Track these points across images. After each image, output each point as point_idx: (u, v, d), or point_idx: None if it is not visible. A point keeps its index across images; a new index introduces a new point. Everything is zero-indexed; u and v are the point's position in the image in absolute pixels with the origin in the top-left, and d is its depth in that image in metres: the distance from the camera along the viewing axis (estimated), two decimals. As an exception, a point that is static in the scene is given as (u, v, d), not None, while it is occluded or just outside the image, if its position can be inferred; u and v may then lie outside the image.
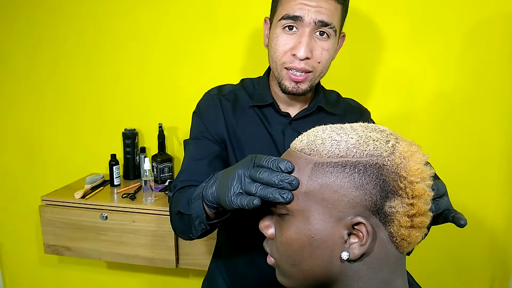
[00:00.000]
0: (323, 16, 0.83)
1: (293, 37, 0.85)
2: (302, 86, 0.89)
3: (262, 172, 0.57)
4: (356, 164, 0.50)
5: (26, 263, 2.02)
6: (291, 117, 0.96)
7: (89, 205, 1.53)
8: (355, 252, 0.51)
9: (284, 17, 0.84)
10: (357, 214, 0.50)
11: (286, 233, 0.55)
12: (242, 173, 0.61)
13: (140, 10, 1.68)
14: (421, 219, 0.51)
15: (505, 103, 1.52)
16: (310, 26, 0.83)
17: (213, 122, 0.96)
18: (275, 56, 0.89)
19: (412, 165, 0.51)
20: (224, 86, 1.03)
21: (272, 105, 0.96)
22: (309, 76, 0.88)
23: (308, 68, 0.87)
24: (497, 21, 1.46)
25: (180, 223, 0.84)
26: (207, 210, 0.74)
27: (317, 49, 0.86)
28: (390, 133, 0.54)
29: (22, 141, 1.90)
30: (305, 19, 0.83)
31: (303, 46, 0.84)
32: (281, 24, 0.86)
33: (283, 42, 0.86)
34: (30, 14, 1.76)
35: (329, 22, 0.84)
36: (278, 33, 0.87)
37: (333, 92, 1.08)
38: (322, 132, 0.55)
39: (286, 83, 0.89)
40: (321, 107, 0.98)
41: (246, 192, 0.60)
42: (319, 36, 0.85)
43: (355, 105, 1.07)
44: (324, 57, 0.87)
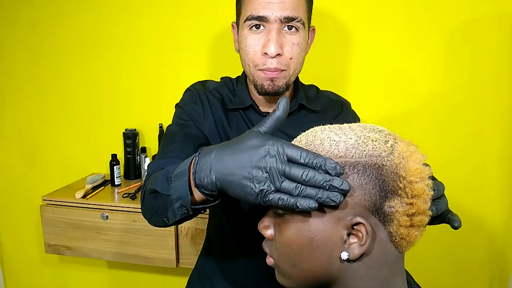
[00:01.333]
0: (287, 12, 0.81)
1: (262, 36, 0.84)
2: (278, 83, 0.87)
3: (308, 171, 0.48)
4: (356, 165, 0.50)
5: (27, 262, 2.03)
6: None
7: (90, 205, 1.53)
8: (354, 252, 0.51)
9: (249, 18, 0.83)
10: (357, 214, 0.50)
11: (285, 234, 0.55)
12: (269, 167, 0.50)
13: (141, 11, 1.68)
14: (420, 218, 0.52)
15: (503, 103, 1.52)
16: (277, 23, 0.82)
17: (199, 115, 0.93)
18: (247, 58, 0.87)
19: (411, 165, 0.51)
20: (206, 82, 1.01)
21: (252, 106, 0.95)
22: (283, 73, 0.87)
23: (281, 67, 0.85)
24: (495, 19, 1.46)
25: (153, 203, 0.71)
26: (195, 193, 0.62)
27: (287, 44, 0.84)
28: (388, 133, 0.54)
29: (23, 141, 1.90)
30: (270, 18, 0.82)
31: (272, 43, 0.82)
32: (247, 25, 0.84)
33: (252, 42, 0.85)
34: (32, 14, 1.76)
35: (295, 16, 0.82)
36: (246, 34, 0.85)
37: (312, 87, 1.06)
38: (321, 133, 0.55)
39: (263, 83, 0.87)
40: (302, 105, 0.96)
41: (283, 191, 0.50)
42: (287, 31, 0.84)
43: (335, 99, 1.05)
44: (295, 52, 0.85)
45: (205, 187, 0.58)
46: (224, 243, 1.03)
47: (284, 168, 0.49)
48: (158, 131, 1.70)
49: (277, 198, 0.50)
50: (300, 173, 0.49)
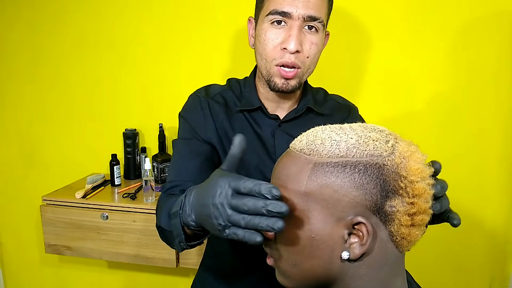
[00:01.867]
0: (311, 11, 0.82)
1: (282, 31, 0.84)
2: (292, 83, 0.88)
3: (247, 201, 0.52)
4: (357, 164, 0.50)
5: (27, 262, 2.03)
6: (280, 119, 0.95)
7: (90, 205, 1.53)
8: (355, 251, 0.51)
9: (272, 12, 0.83)
10: (357, 214, 0.50)
11: (285, 233, 0.55)
12: (220, 203, 0.55)
13: (141, 11, 1.68)
14: (421, 217, 0.52)
15: (503, 103, 1.52)
16: (299, 21, 0.83)
17: (201, 125, 0.94)
18: (264, 52, 0.87)
19: (412, 164, 0.51)
20: (210, 87, 1.01)
21: (260, 108, 0.95)
22: (298, 72, 0.87)
23: (298, 63, 0.86)
24: (495, 19, 1.46)
25: (162, 235, 0.81)
26: (186, 230, 0.69)
27: (306, 43, 0.85)
28: (389, 133, 0.54)
29: (23, 141, 1.90)
30: (294, 14, 0.82)
31: (293, 39, 0.83)
32: (269, 19, 0.85)
33: (272, 36, 0.85)
34: (31, 15, 1.76)
35: (318, 16, 0.83)
36: (266, 28, 0.86)
37: (320, 90, 1.07)
38: (322, 132, 0.55)
39: (276, 80, 0.87)
40: (310, 108, 0.97)
41: (233, 223, 0.54)
42: (308, 30, 0.85)
43: (342, 103, 1.05)
44: (312, 52, 0.86)
45: (189, 226, 0.64)
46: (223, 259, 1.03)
47: (230, 201, 0.54)
48: (158, 131, 1.70)
49: (232, 232, 0.54)
50: (241, 203, 0.52)
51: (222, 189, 0.55)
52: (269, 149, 0.94)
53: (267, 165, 0.93)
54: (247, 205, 0.52)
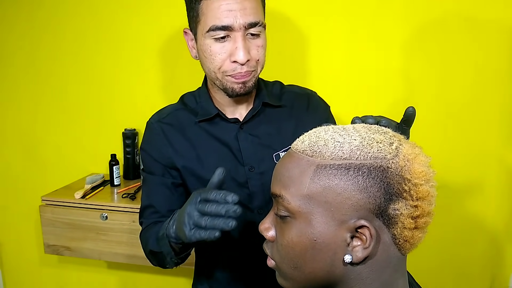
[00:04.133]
0: (250, 18, 0.82)
1: (227, 44, 0.83)
2: (248, 84, 0.88)
3: (209, 206, 0.67)
4: (360, 167, 0.50)
5: (26, 263, 2.02)
6: (240, 121, 0.95)
7: (89, 205, 1.53)
8: (358, 255, 0.50)
9: (213, 28, 0.82)
10: (361, 217, 0.50)
11: (287, 236, 0.54)
12: (191, 209, 0.70)
13: (140, 10, 1.67)
14: (424, 220, 0.51)
15: (504, 103, 1.51)
16: (241, 30, 0.82)
17: (160, 152, 0.95)
18: (212, 66, 0.86)
19: (416, 167, 0.51)
20: (163, 110, 1.02)
21: (218, 115, 0.94)
22: (252, 73, 0.88)
23: (251, 70, 0.86)
24: (495, 18, 1.45)
25: (154, 260, 0.91)
26: (173, 246, 0.81)
27: (253, 48, 0.85)
28: (393, 135, 0.54)
29: (22, 141, 1.89)
30: (235, 26, 0.81)
31: (241, 51, 0.82)
32: (210, 36, 0.83)
33: (218, 51, 0.84)
34: (30, 13, 1.75)
35: (257, 20, 0.83)
36: (210, 43, 0.84)
37: (276, 83, 1.06)
38: (325, 133, 0.54)
39: (233, 86, 0.87)
40: (266, 103, 0.96)
41: (197, 226, 0.69)
42: (251, 36, 0.85)
43: (300, 92, 1.05)
44: (261, 54, 0.87)
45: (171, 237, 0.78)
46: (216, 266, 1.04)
47: (197, 207, 0.69)
48: (158, 131, 1.69)
49: (197, 233, 0.69)
50: (205, 207, 0.68)
51: (193, 200, 0.71)
52: (236, 154, 0.94)
53: (238, 170, 0.94)
54: (210, 208, 0.67)
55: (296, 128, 0.97)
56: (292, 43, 1.59)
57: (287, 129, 0.97)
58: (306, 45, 1.58)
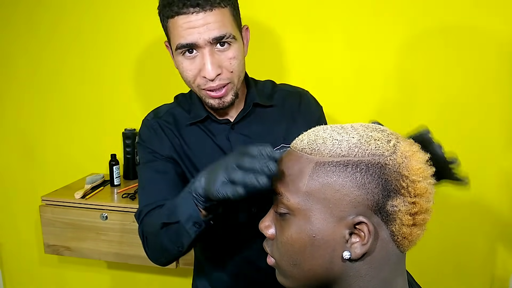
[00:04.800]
0: (214, 32, 0.79)
1: (197, 59, 0.83)
2: (227, 99, 0.87)
3: (246, 158, 0.60)
4: (358, 164, 0.50)
5: (26, 263, 2.02)
6: (231, 122, 0.95)
7: (89, 205, 1.53)
8: (356, 251, 0.51)
9: (179, 47, 0.82)
10: (359, 213, 0.50)
11: (287, 233, 0.55)
12: (230, 161, 0.63)
13: (140, 11, 1.67)
14: (423, 217, 0.52)
15: (504, 103, 1.52)
16: (207, 46, 0.81)
17: (158, 146, 0.94)
18: (187, 81, 0.87)
19: (414, 164, 0.51)
20: (159, 108, 1.02)
21: (208, 117, 0.94)
22: (229, 87, 0.86)
23: (224, 82, 0.84)
24: (495, 18, 1.46)
25: (163, 239, 0.79)
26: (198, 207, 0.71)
27: (224, 61, 0.83)
28: (390, 133, 0.54)
29: (22, 141, 1.90)
30: (199, 42, 0.80)
31: (207, 66, 0.81)
32: (179, 53, 0.83)
33: (188, 67, 0.84)
34: (31, 15, 1.76)
35: (223, 34, 0.80)
36: (181, 60, 0.84)
37: (267, 82, 1.04)
38: (323, 132, 0.55)
39: (211, 101, 0.87)
40: (257, 103, 0.95)
41: (230, 180, 0.61)
42: (220, 48, 0.82)
43: (292, 90, 1.03)
44: (234, 65, 0.84)
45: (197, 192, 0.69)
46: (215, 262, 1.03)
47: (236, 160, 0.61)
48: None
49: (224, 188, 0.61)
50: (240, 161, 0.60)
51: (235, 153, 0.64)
52: (227, 153, 0.93)
53: None
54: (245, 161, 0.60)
55: (288, 127, 0.97)
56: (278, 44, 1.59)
57: (279, 128, 0.96)
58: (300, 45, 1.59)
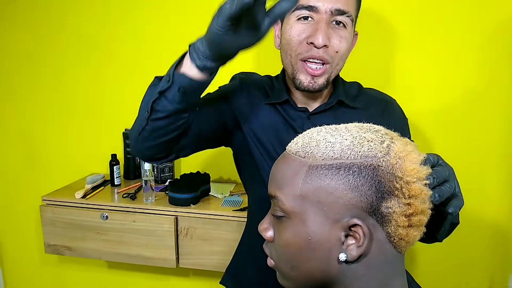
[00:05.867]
0: (339, 4, 0.80)
1: (309, 26, 0.82)
2: (319, 81, 0.85)
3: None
4: (351, 166, 0.50)
5: (27, 262, 2.03)
6: (309, 111, 0.93)
7: (90, 205, 1.53)
8: (352, 253, 0.51)
9: (298, 7, 0.81)
10: (353, 215, 0.50)
11: (283, 236, 0.55)
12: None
13: (140, 11, 1.68)
14: (418, 218, 0.51)
15: (505, 102, 1.51)
16: (327, 14, 0.80)
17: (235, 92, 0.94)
18: (289, 48, 0.84)
19: (407, 165, 0.51)
20: (252, 73, 1.03)
21: (288, 101, 0.92)
22: (327, 68, 0.84)
23: (326, 57, 0.83)
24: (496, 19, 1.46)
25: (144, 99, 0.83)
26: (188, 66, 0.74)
27: (335, 37, 0.82)
28: (385, 133, 0.54)
29: (23, 141, 1.90)
30: (321, 8, 0.80)
31: (321, 33, 0.80)
32: (295, 15, 0.82)
33: (298, 32, 0.82)
34: (31, 14, 1.76)
35: (346, 10, 0.81)
36: (292, 23, 0.83)
37: (355, 84, 1.02)
38: (317, 134, 0.55)
39: (302, 78, 0.85)
40: (341, 101, 0.93)
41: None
42: (335, 25, 0.82)
43: (379, 97, 1.01)
44: (342, 46, 0.83)
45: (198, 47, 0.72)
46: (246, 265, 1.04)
47: None
48: (158, 131, 1.69)
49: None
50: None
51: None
52: None
53: None
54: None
55: None
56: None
57: None
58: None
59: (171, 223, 1.46)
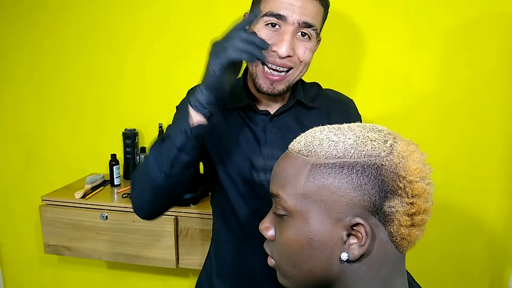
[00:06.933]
0: (307, 18, 0.82)
1: (275, 34, 0.84)
2: (278, 87, 0.87)
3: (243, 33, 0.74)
4: (354, 165, 0.50)
5: (26, 263, 2.02)
6: (271, 114, 0.95)
7: (89, 205, 1.53)
8: (354, 252, 0.51)
9: (267, 14, 0.83)
10: (356, 215, 0.50)
11: (285, 235, 0.55)
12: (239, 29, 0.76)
13: (140, 11, 1.68)
14: (421, 217, 0.51)
15: (504, 102, 1.52)
16: (294, 26, 0.82)
17: None
18: None
19: (411, 164, 0.51)
20: None
21: (249, 105, 0.94)
22: (288, 75, 0.87)
23: (290, 64, 0.85)
24: (495, 18, 1.46)
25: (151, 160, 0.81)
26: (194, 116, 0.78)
27: (300, 48, 0.85)
28: (388, 133, 0.54)
29: (23, 141, 1.90)
30: (289, 19, 0.82)
31: (285, 44, 0.82)
32: (263, 21, 0.84)
33: (264, 37, 0.83)
34: (31, 14, 1.76)
35: (313, 23, 0.83)
36: (260, 28, 0.85)
37: (314, 85, 1.05)
38: (320, 133, 0.55)
39: (261, 82, 0.87)
40: (300, 101, 0.96)
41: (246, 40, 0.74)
42: (300, 36, 0.85)
43: (336, 96, 1.04)
44: (307, 56, 0.86)
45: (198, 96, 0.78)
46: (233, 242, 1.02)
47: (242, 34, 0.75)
48: (158, 131, 1.69)
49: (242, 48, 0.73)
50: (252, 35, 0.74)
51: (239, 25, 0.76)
52: (261, 144, 0.94)
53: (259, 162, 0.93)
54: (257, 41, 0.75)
55: None
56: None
57: None
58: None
59: (171, 223, 1.46)
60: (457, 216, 1.59)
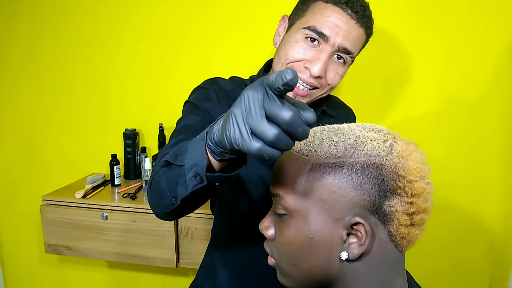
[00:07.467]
0: (348, 43, 0.80)
1: (312, 50, 0.81)
2: (301, 100, 0.85)
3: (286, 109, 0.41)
4: (354, 165, 0.50)
5: (27, 262, 2.03)
6: None
7: (90, 204, 1.53)
8: (354, 252, 0.51)
9: (310, 28, 0.80)
10: (356, 214, 0.50)
11: (285, 234, 0.55)
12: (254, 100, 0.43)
13: (141, 10, 1.68)
14: (420, 217, 0.52)
15: (504, 102, 1.52)
16: (333, 48, 0.80)
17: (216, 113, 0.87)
18: (284, 57, 0.84)
19: (410, 164, 0.51)
20: (217, 81, 0.95)
21: None
22: (312, 93, 0.85)
23: (316, 84, 0.83)
24: (495, 18, 1.46)
25: (162, 180, 0.65)
26: (211, 158, 0.54)
27: (331, 71, 0.83)
28: (387, 133, 0.54)
29: (23, 141, 1.90)
30: (331, 40, 0.79)
31: (319, 64, 0.80)
32: (304, 33, 0.82)
33: (300, 49, 0.81)
34: (31, 13, 1.76)
35: (352, 50, 0.82)
36: (298, 39, 0.82)
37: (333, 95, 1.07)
38: (320, 133, 0.55)
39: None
40: (323, 110, 0.96)
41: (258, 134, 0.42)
42: (336, 59, 0.83)
43: (341, 103, 1.07)
44: (335, 81, 0.84)
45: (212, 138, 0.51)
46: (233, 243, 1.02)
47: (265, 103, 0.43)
48: (158, 131, 1.70)
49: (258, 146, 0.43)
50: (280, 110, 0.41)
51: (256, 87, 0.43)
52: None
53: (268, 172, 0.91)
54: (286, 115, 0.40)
55: None
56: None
57: None
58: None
59: (171, 223, 1.47)
60: (457, 216, 1.59)
